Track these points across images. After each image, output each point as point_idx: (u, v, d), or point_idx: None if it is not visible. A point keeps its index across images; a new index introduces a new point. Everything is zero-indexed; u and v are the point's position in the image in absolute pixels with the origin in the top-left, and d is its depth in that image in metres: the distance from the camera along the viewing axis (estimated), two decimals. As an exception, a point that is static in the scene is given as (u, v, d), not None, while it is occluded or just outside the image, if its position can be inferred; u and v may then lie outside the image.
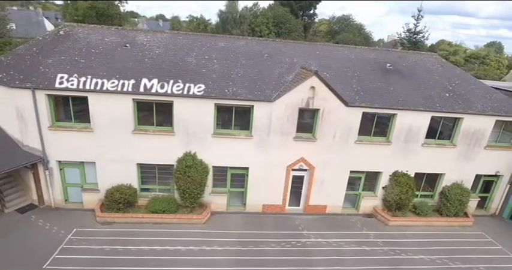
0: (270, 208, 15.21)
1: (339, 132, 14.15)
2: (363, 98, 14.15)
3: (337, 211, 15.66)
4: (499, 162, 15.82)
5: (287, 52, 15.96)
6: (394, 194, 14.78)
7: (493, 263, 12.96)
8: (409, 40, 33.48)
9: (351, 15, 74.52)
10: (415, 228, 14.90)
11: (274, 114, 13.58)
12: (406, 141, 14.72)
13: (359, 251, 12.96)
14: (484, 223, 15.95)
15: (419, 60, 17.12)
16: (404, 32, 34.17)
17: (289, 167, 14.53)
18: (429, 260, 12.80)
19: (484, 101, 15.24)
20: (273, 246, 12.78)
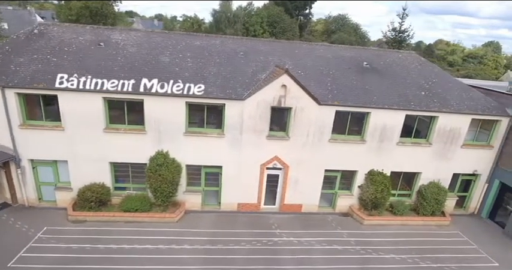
0: (245, 207, 15.16)
1: (312, 130, 14.09)
2: (336, 96, 14.08)
3: (313, 210, 15.60)
4: (476, 161, 15.72)
5: (263, 51, 15.91)
6: (370, 193, 14.71)
7: (465, 262, 12.86)
8: (394, 39, 33.42)
9: (347, 15, 74.41)
10: (390, 228, 14.82)
11: (246, 112, 13.53)
12: (381, 139, 14.65)
13: (330, 250, 12.89)
14: (462, 222, 15.85)
15: (397, 59, 17.03)
16: (390, 31, 34.14)
17: (263, 165, 14.49)
18: (400, 259, 12.72)
19: (460, 99, 15.15)
20: (243, 245, 12.73)
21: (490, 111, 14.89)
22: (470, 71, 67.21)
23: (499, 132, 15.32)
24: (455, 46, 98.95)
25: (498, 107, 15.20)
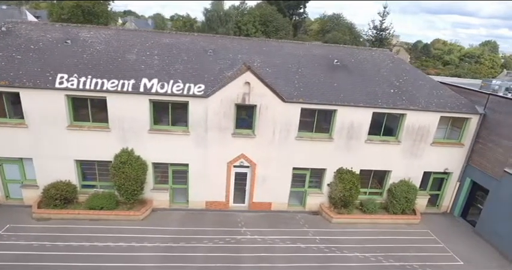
0: (213, 205, 15.11)
1: (278, 128, 14.02)
2: (302, 93, 14.01)
3: (283, 208, 15.52)
4: (447, 159, 15.61)
5: (233, 48, 15.85)
6: (338, 191, 14.62)
7: (429, 261, 12.76)
8: (375, 37, 33.29)
9: (342, 14, 74.12)
10: (359, 226, 14.74)
11: (210, 110, 13.48)
12: (349, 137, 14.56)
13: (292, 248, 12.82)
14: (433, 221, 15.74)
15: (369, 56, 16.93)
16: (370, 29, 34.04)
17: (229, 163, 14.43)
18: (363, 257, 12.63)
19: (429, 97, 15.04)
20: (205, 243, 12.68)
21: (459, 109, 14.78)
22: (465, 70, 66.91)
23: (470, 130, 15.21)
24: (452, 45, 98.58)
25: (468, 104, 15.09)
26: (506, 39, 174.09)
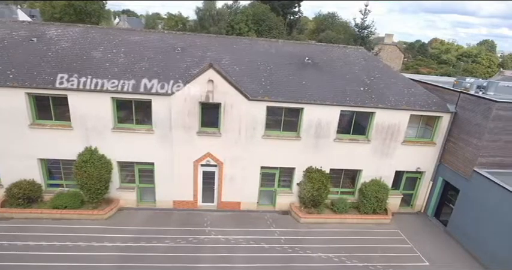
0: (181, 204, 14.93)
1: (244, 127, 13.83)
2: (269, 91, 13.81)
3: (252, 208, 15.33)
4: (419, 158, 15.38)
5: (202, 46, 15.67)
6: (307, 190, 14.43)
7: (394, 261, 12.55)
8: (357, 35, 32.95)
9: (336, 13, 73.72)
10: (327, 226, 14.53)
11: (174, 108, 13.31)
12: (317, 136, 14.35)
13: (255, 248, 12.63)
14: (405, 221, 15.51)
15: (343, 54, 16.71)
16: (352, 28, 33.62)
17: (196, 162, 14.25)
18: (326, 257, 12.43)
19: (400, 95, 14.81)
20: (167, 243, 12.51)
21: (429, 107, 14.55)
22: (460, 69, 66.48)
23: (441, 129, 14.97)
24: (450, 45, 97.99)
25: (439, 103, 14.86)
26: (506, 39, 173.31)
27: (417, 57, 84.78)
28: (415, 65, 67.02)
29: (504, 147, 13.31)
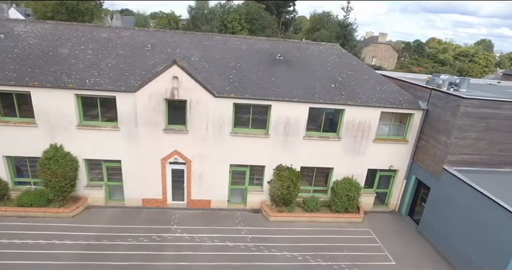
0: (150, 202, 14.79)
1: (211, 124, 13.67)
2: (236, 88, 13.65)
3: (223, 206, 15.17)
4: (392, 156, 15.18)
5: (172, 43, 15.51)
6: (276, 188, 14.25)
7: (360, 260, 12.35)
8: (338, 33, 32.59)
9: (331, 12, 73.21)
10: (297, 224, 14.36)
11: (139, 105, 13.16)
12: (286, 133, 14.18)
13: (219, 246, 12.47)
14: (377, 220, 15.32)
15: (316, 51, 16.52)
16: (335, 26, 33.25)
17: (164, 160, 14.10)
18: (291, 256, 12.26)
19: (371, 92, 14.62)
20: (129, 241, 12.37)
21: (400, 104, 14.35)
22: (455, 69, 66.15)
23: (413, 126, 14.77)
24: (447, 44, 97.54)
25: (411, 100, 14.66)
26: (506, 39, 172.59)
27: (414, 56, 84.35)
28: (409, 64, 66.62)
29: (473, 144, 13.10)
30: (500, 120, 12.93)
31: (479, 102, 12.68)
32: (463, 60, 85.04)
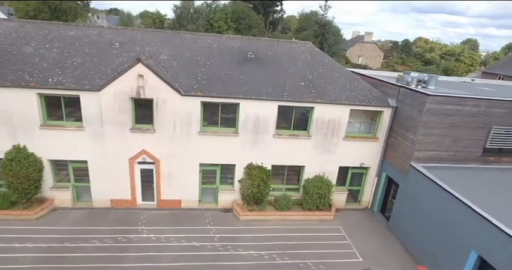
0: (119, 203, 14.56)
1: (178, 123, 13.51)
2: (204, 87, 13.52)
3: (194, 206, 15.02)
4: (363, 153, 15.21)
5: (142, 41, 15.30)
6: (246, 187, 14.17)
7: (326, 258, 12.33)
8: (316, 32, 32.60)
9: (318, 12, 73.53)
10: (268, 223, 14.29)
11: (104, 104, 12.93)
12: (256, 132, 14.10)
13: (185, 247, 12.33)
14: (349, 217, 15.34)
15: (288, 49, 16.48)
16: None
17: (131, 160, 13.89)
18: (257, 255, 12.18)
19: (341, 90, 14.64)
20: (93, 243, 12.14)
21: (369, 102, 14.40)
22: (440, 68, 66.99)
23: (383, 124, 14.83)
24: (434, 44, 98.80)
25: (381, 97, 14.72)
26: (493, 38, 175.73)
27: (401, 55, 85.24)
28: (394, 63, 67.30)
29: (439, 141, 13.20)
30: (465, 116, 13.05)
31: (444, 99, 12.79)
32: (449, 59, 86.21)
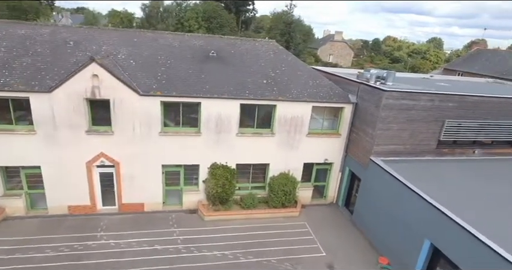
0: (77, 209, 13.94)
1: (138, 123, 13.12)
2: (164, 86, 13.20)
3: (158, 208, 14.66)
4: (327, 149, 15.46)
5: (99, 40, 14.73)
6: (210, 187, 14.01)
7: (291, 254, 12.41)
8: (282, 30, 32.98)
9: (289, 11, 74.25)
10: (234, 222, 14.18)
11: (57, 106, 12.31)
12: (219, 131, 13.96)
13: (146, 251, 11.99)
14: (314, 212, 15.54)
15: (251, 47, 16.47)
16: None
17: (89, 163, 13.33)
18: (221, 255, 12.06)
19: (303, 87, 14.79)
20: (47, 252, 11.53)
21: (330, 99, 14.65)
22: (407, 65, 69.64)
23: (345, 120, 15.14)
24: (402, 42, 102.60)
25: (342, 94, 15.01)
26: (457, 37, 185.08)
27: (371, 54, 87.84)
28: (363, 61, 69.29)
29: (397, 135, 13.64)
30: (420, 111, 13.55)
31: (400, 94, 13.21)
32: (416, 57, 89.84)
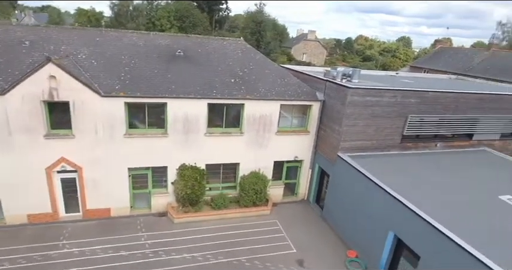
0: (37, 218, 13.23)
1: (100, 126, 12.64)
2: (127, 86, 12.80)
3: (125, 213, 14.21)
4: (296, 147, 15.60)
5: (57, 39, 14.05)
6: (180, 189, 13.76)
7: (261, 253, 12.41)
8: (252, 29, 33.22)
9: (264, 11, 74.52)
10: (205, 223, 14.01)
11: (11, 109, 11.61)
12: (187, 131, 13.73)
13: (112, 257, 11.57)
14: (286, 210, 15.63)
15: (219, 46, 16.33)
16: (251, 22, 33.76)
17: (49, 169, 12.69)
18: (191, 257, 11.87)
19: (271, 85, 14.84)
20: (3, 266, 10.86)
21: (298, 97, 14.80)
22: (378, 63, 71.83)
23: (313, 117, 15.35)
24: (373, 41, 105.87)
25: (309, 92, 15.20)
26: (425, 36, 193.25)
27: (343, 52, 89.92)
28: (336, 60, 70.90)
29: (362, 131, 13.99)
30: (384, 107, 13.97)
31: (364, 91, 13.55)
32: (386, 55, 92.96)
